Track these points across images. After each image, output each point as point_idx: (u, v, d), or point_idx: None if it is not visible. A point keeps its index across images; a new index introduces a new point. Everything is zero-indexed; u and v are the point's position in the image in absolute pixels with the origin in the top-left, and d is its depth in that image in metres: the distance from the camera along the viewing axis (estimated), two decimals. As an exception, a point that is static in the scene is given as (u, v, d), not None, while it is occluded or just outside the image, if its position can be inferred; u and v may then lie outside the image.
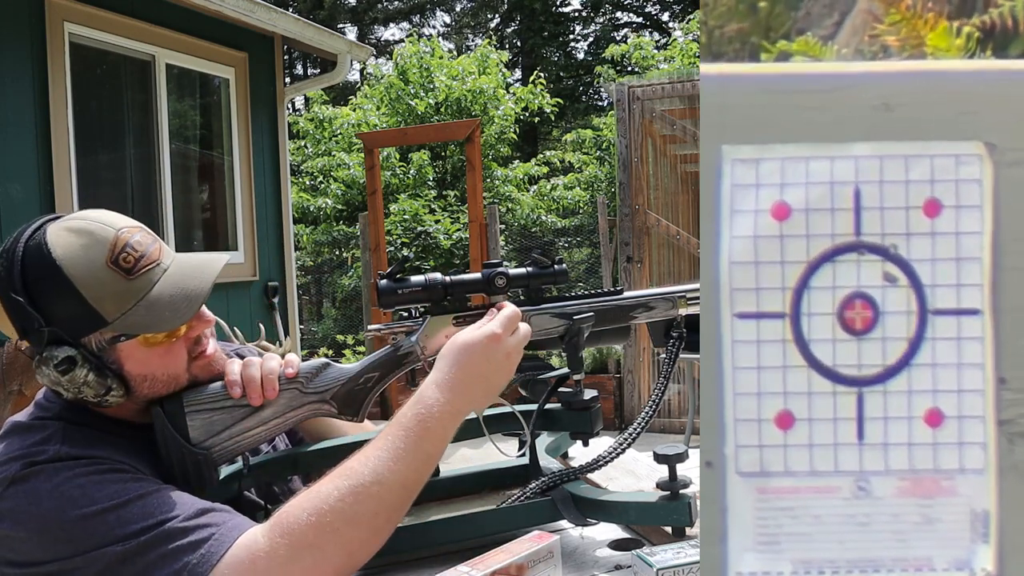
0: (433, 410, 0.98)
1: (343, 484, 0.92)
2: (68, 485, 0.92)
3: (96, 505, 0.91)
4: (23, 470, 0.93)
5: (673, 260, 5.98)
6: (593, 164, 10.61)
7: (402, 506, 0.96)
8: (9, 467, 0.94)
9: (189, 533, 0.89)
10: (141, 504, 0.92)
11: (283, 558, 0.88)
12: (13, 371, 2.98)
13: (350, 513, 0.91)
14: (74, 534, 0.90)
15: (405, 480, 0.95)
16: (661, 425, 5.59)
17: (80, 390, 0.97)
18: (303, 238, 9.78)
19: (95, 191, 4.44)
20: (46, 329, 0.96)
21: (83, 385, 0.97)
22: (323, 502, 0.91)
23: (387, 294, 1.09)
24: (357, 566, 0.93)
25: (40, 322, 0.96)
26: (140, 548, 0.88)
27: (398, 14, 21.96)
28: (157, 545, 0.88)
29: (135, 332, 0.99)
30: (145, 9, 4.58)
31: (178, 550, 0.88)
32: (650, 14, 20.41)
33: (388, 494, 0.93)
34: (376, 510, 0.92)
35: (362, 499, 0.92)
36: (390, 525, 0.95)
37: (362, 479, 0.93)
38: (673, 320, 1.17)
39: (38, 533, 0.91)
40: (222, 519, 0.92)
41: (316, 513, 0.90)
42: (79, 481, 0.93)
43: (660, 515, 1.08)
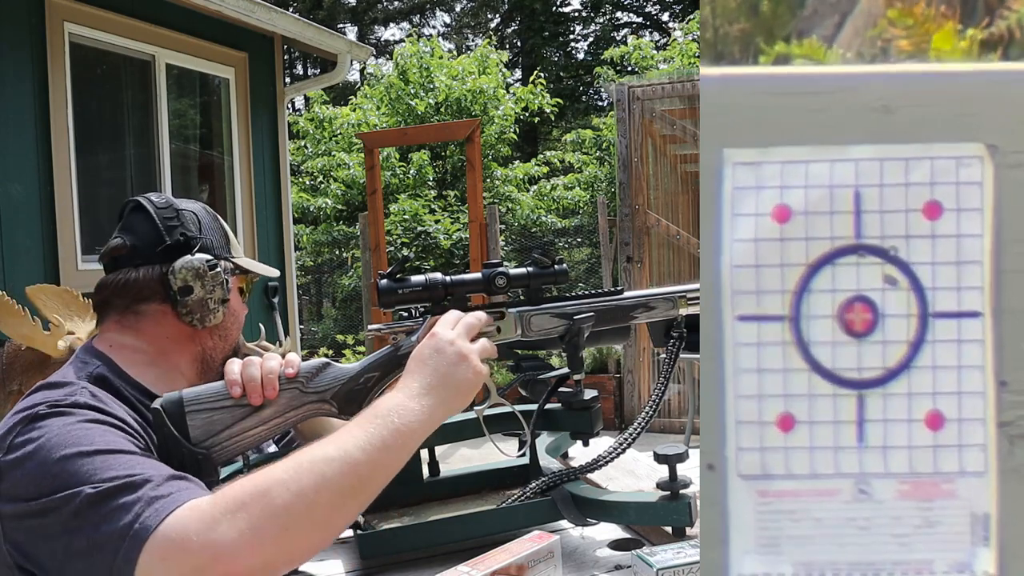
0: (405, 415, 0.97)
1: (290, 459, 0.92)
2: (76, 426, 0.99)
3: (92, 446, 0.95)
4: (46, 410, 1.01)
5: (673, 260, 5.99)
6: (593, 164, 10.61)
7: (349, 489, 0.91)
8: (35, 409, 1.02)
9: (155, 489, 0.90)
10: (128, 458, 0.95)
11: (211, 516, 0.86)
12: (13, 371, 2.98)
13: (291, 483, 0.88)
14: (63, 469, 0.93)
15: (356, 463, 0.91)
16: (661, 425, 5.59)
17: (214, 289, 1.20)
18: (303, 238, 9.78)
19: (95, 191, 4.44)
20: (200, 237, 1.22)
21: (219, 286, 1.21)
22: (268, 471, 0.90)
23: (387, 294, 1.09)
24: (293, 545, 0.88)
25: (197, 230, 1.23)
26: (109, 492, 0.89)
27: (398, 14, 21.97)
28: (122, 493, 0.89)
29: (246, 269, 1.28)
30: (145, 9, 4.58)
31: (137, 501, 0.88)
32: (650, 14, 20.41)
33: (336, 471, 0.90)
34: (318, 485, 0.89)
35: (304, 471, 0.89)
36: (332, 508, 0.90)
37: (311, 454, 0.91)
38: (673, 320, 1.17)
39: (39, 466, 0.94)
40: (187, 486, 0.93)
41: (257, 479, 0.89)
42: (87, 425, 1.00)
43: (660, 515, 1.08)
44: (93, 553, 0.87)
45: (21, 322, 2.95)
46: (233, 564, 0.83)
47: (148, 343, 1.20)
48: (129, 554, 0.84)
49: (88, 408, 1.03)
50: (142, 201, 1.24)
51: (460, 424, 1.25)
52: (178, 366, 1.22)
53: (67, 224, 4.12)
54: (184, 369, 1.23)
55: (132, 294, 1.20)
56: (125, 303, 1.21)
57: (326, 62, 6.32)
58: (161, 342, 1.21)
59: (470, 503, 1.20)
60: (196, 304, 1.20)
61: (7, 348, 3.06)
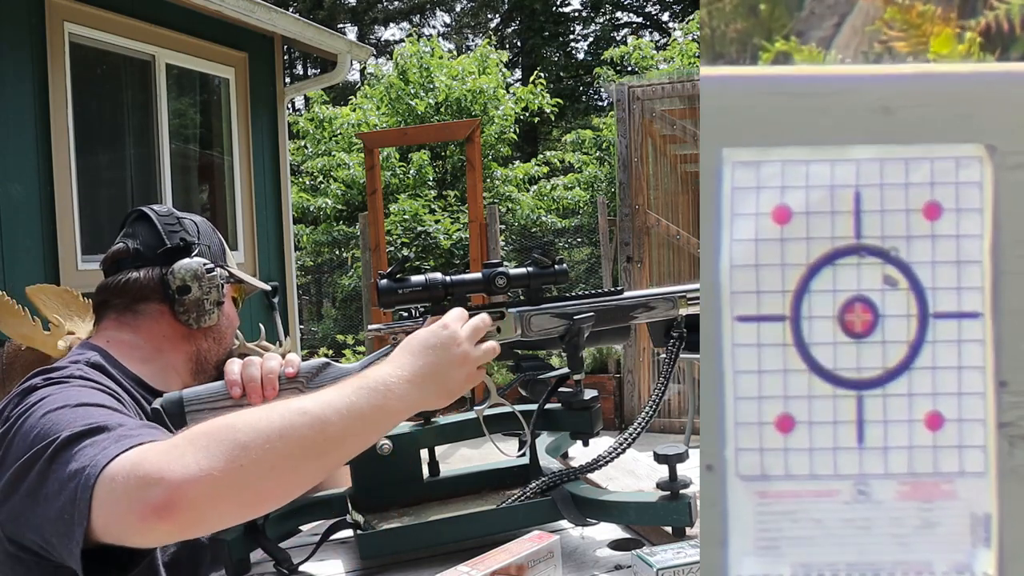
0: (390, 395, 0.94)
1: (267, 405, 0.93)
2: (69, 388, 1.04)
3: (78, 400, 1.00)
4: (42, 383, 1.06)
5: (673, 260, 5.99)
6: (593, 164, 10.61)
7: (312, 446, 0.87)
8: (31, 383, 1.06)
9: (127, 432, 0.91)
10: (109, 412, 0.98)
11: (172, 443, 0.85)
12: (13, 371, 2.97)
13: (258, 423, 0.86)
14: (48, 419, 0.96)
15: (327, 423, 0.88)
16: (661, 425, 5.59)
17: (211, 291, 1.26)
18: (303, 238, 9.78)
19: (95, 191, 4.44)
20: (199, 243, 1.29)
21: (215, 288, 1.26)
22: (242, 411, 0.89)
23: (387, 294, 1.09)
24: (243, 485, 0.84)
25: (198, 237, 1.30)
26: (81, 434, 0.91)
27: (398, 14, 21.97)
28: (93, 434, 0.90)
29: (240, 279, 1.35)
30: (145, 9, 4.58)
31: (106, 439, 0.89)
32: (650, 14, 20.41)
33: (305, 424, 0.87)
34: (284, 432, 0.86)
35: (274, 415, 0.87)
36: (290, 458, 0.86)
37: (287, 404, 0.89)
38: (673, 320, 1.17)
39: (30, 424, 0.97)
40: (161, 433, 0.92)
41: (230, 415, 0.87)
42: (78, 389, 1.05)
43: (660, 515, 1.08)
44: (61, 493, 0.86)
45: (21, 322, 2.95)
46: (181, 487, 0.80)
47: (145, 340, 1.22)
48: (88, 482, 0.83)
49: (82, 379, 1.09)
50: (145, 210, 1.30)
51: (460, 424, 1.26)
52: (173, 364, 1.26)
53: (67, 224, 4.12)
54: (179, 368, 1.26)
55: (132, 294, 1.23)
56: (124, 303, 1.24)
57: (326, 62, 6.32)
58: (157, 340, 1.24)
59: (470, 503, 1.20)
60: (192, 304, 1.25)
61: (7, 348, 3.06)
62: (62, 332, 2.95)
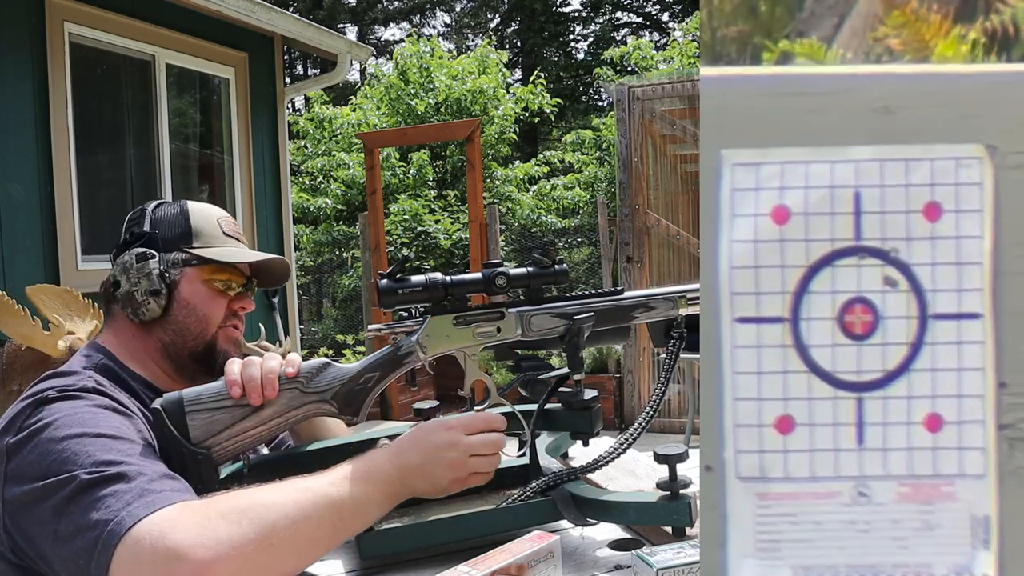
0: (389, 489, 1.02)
1: (287, 484, 0.96)
2: (84, 410, 1.01)
3: (96, 429, 0.97)
4: (56, 394, 1.03)
5: (673, 260, 5.99)
6: (593, 164, 10.61)
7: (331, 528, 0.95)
8: (44, 393, 1.04)
9: (149, 483, 0.91)
10: (129, 446, 0.97)
11: (205, 516, 0.88)
12: (13, 371, 2.97)
13: (287, 507, 0.92)
14: (66, 447, 0.94)
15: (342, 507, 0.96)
16: (661, 425, 5.59)
17: (139, 282, 1.19)
18: (303, 238, 9.78)
19: (95, 191, 4.44)
20: (147, 232, 1.22)
21: (144, 277, 1.19)
22: (266, 490, 0.94)
23: (387, 294, 1.09)
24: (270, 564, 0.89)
25: (148, 226, 1.23)
26: (102, 479, 0.90)
27: (398, 14, 21.96)
28: (115, 482, 0.90)
29: (206, 258, 1.22)
30: (145, 9, 4.58)
31: (129, 491, 0.89)
32: (650, 14, 20.41)
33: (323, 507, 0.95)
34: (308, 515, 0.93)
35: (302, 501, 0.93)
36: (313, 541, 0.93)
37: (306, 484, 0.95)
38: (673, 320, 1.17)
39: (45, 445, 0.96)
40: (181, 487, 0.94)
41: (255, 493, 0.92)
42: (94, 409, 1.02)
43: (660, 515, 1.08)
44: (76, 537, 0.87)
45: (21, 322, 2.95)
46: (211, 567, 0.83)
47: (124, 340, 1.23)
48: (110, 540, 0.84)
49: (96, 393, 1.06)
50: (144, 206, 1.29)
51: (460, 425, 1.25)
52: (153, 361, 1.23)
53: (67, 224, 4.12)
54: (159, 362, 1.23)
55: (104, 297, 1.25)
56: (104, 305, 1.27)
57: (326, 62, 6.32)
58: (127, 338, 1.23)
59: (470, 503, 1.20)
60: (124, 298, 1.20)
61: (7, 348, 3.06)
62: (62, 332, 2.95)
